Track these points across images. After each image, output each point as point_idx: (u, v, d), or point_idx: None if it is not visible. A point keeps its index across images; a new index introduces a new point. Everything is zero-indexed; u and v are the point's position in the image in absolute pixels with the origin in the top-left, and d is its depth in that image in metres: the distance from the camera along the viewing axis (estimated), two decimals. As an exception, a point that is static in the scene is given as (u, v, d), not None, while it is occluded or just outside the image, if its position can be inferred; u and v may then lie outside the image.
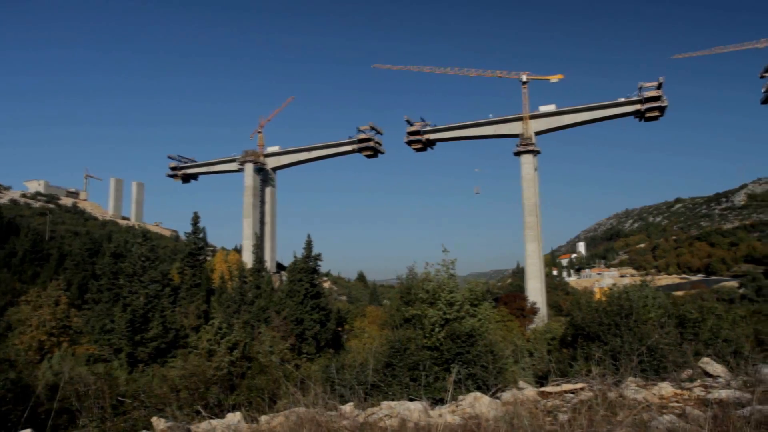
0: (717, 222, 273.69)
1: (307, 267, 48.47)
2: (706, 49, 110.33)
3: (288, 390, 9.92)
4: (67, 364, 21.84)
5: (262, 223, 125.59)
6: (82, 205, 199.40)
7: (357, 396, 10.06)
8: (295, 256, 51.06)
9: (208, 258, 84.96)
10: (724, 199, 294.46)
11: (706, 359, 11.52)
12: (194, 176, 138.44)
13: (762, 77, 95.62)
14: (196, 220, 60.57)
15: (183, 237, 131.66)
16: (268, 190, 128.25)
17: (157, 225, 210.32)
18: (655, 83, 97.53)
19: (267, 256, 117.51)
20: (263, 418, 9.06)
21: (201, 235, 62.61)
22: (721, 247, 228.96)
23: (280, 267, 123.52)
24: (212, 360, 20.55)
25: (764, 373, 9.27)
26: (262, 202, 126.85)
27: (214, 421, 9.07)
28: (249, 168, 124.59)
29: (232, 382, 19.45)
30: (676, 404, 8.56)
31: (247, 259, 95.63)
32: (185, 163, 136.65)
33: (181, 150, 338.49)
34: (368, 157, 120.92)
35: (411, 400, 10.36)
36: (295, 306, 45.57)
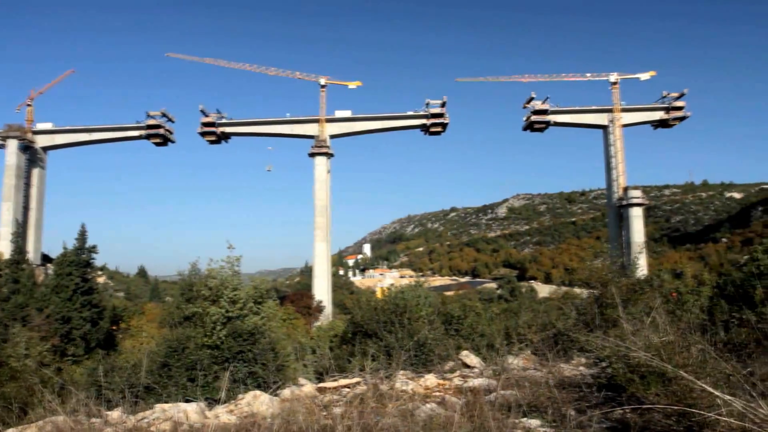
0: (483, 230, 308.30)
1: (79, 260, 43.91)
2: (483, 76, 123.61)
3: (44, 398, 8.96)
4: None
5: (26, 208, 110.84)
6: None
7: (127, 400, 9.46)
8: (65, 248, 45.84)
9: (-50, 246, 72.54)
10: (489, 211, 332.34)
11: (465, 352, 13.01)
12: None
13: (524, 107, 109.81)
14: (-65, 200, 51.33)
15: None
16: (35, 171, 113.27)
17: None
18: (440, 101, 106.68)
19: (30, 247, 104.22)
20: None
21: (-59, 219, 53.14)
22: (485, 253, 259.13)
23: (46, 259, 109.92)
24: (-52, 366, 17.57)
25: (508, 363, 10.82)
26: (28, 185, 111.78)
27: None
28: (12, 144, 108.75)
29: (-28, 392, 16.85)
30: (438, 393, 9.52)
31: (5, 248, 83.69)
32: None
33: None
34: (157, 144, 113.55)
35: (188, 401, 10.04)
36: (62, 303, 41.09)
